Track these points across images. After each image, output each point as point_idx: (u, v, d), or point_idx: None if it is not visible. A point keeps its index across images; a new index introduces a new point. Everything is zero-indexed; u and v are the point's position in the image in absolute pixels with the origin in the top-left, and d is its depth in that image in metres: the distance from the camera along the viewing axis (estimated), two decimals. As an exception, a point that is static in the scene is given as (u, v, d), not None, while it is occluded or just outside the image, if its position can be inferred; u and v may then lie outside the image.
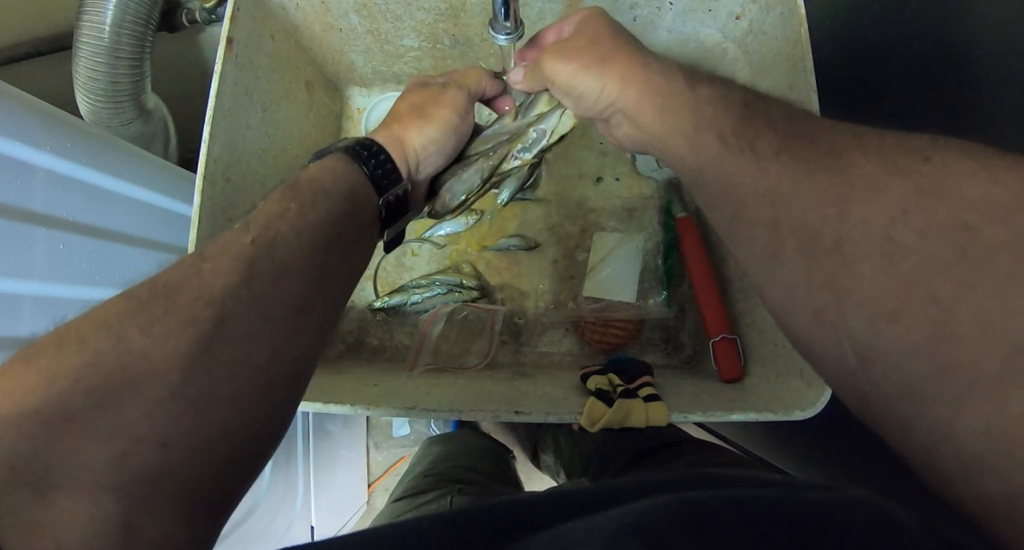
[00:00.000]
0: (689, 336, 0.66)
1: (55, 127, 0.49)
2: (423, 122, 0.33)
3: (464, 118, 0.35)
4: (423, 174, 0.35)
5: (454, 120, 0.34)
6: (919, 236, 0.16)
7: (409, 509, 0.50)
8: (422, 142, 0.33)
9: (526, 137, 0.37)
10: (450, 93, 0.35)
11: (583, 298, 0.65)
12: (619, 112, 0.29)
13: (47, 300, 0.47)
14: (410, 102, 0.35)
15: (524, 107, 0.38)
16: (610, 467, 0.59)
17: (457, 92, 0.35)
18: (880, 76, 0.56)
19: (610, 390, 0.47)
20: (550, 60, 0.30)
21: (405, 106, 0.35)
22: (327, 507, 0.96)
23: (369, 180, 0.30)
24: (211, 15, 0.73)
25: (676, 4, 0.55)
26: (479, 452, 0.73)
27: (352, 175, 0.30)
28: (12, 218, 0.44)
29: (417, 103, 0.34)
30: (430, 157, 0.34)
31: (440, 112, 0.34)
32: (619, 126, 0.30)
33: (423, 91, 0.35)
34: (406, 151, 0.33)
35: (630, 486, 0.23)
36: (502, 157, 0.37)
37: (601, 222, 0.68)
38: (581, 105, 0.30)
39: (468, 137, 0.37)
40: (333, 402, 0.46)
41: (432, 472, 0.59)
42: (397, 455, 1.26)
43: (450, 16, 0.59)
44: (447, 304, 0.65)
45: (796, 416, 0.43)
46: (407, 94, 0.36)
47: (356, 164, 0.30)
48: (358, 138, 0.33)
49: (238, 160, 0.52)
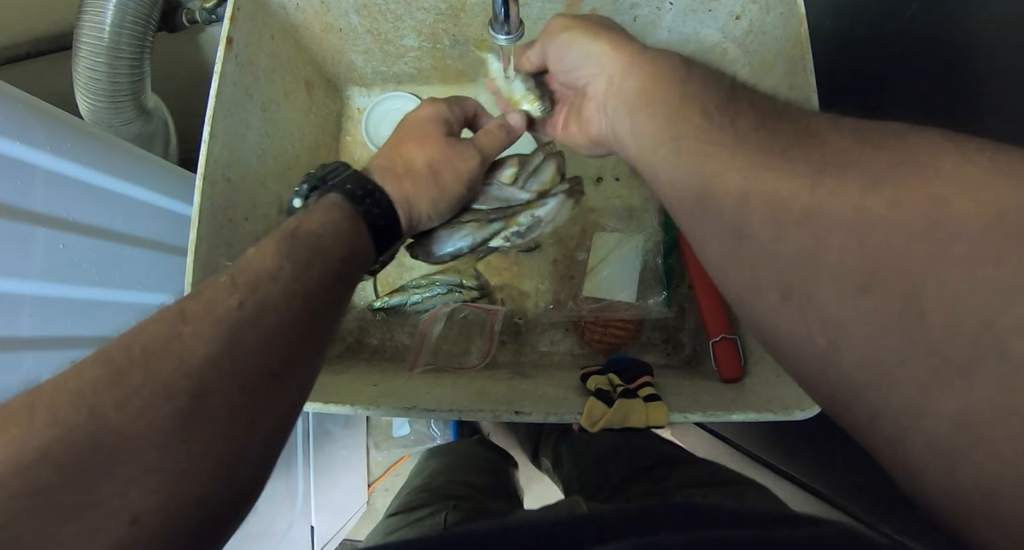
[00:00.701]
0: (689, 336, 0.66)
1: (55, 127, 0.49)
2: (437, 191, 0.33)
3: (472, 189, 0.35)
4: (416, 231, 0.35)
5: (464, 194, 0.34)
6: (891, 205, 0.15)
7: (403, 525, 0.50)
8: (428, 211, 0.33)
9: (522, 220, 0.37)
10: (471, 164, 0.34)
11: (583, 298, 0.65)
12: (604, 74, 0.28)
13: (47, 300, 0.47)
14: (430, 157, 0.33)
15: (527, 174, 0.37)
16: (607, 484, 0.59)
17: (477, 164, 0.34)
18: (880, 76, 0.56)
19: (610, 390, 0.47)
20: (558, 16, 0.31)
21: (423, 161, 0.33)
22: (327, 507, 0.96)
23: (373, 241, 0.30)
24: (211, 15, 0.73)
25: (676, 4, 0.56)
26: (477, 465, 0.72)
27: (355, 235, 0.29)
28: (12, 218, 0.44)
29: (436, 165, 0.33)
30: (430, 222, 0.34)
31: (456, 186, 0.34)
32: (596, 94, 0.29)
33: (446, 147, 0.34)
34: (411, 213, 0.32)
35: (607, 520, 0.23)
36: (494, 233, 0.37)
37: (601, 222, 0.68)
38: (566, 56, 0.30)
39: None
40: (333, 402, 0.46)
41: (428, 487, 0.59)
42: (397, 455, 1.26)
43: (450, 16, 0.59)
44: (447, 304, 0.65)
45: (796, 416, 0.43)
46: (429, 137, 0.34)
47: (361, 221, 0.29)
48: (364, 181, 0.31)
49: (238, 160, 0.52)
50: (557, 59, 0.32)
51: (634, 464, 0.58)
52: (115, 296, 0.54)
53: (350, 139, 0.75)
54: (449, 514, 0.49)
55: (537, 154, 0.38)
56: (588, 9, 0.57)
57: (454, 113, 0.36)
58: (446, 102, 0.36)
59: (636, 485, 0.55)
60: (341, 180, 0.31)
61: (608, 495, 0.57)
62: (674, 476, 0.53)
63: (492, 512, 0.54)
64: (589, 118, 0.31)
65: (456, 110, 0.36)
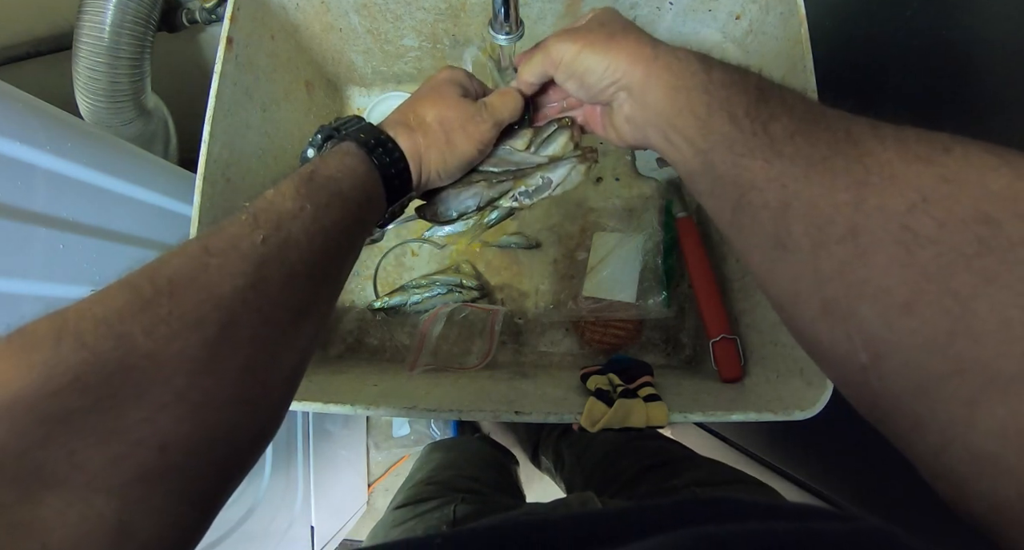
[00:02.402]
0: (689, 336, 0.66)
1: (55, 127, 0.49)
2: (447, 148, 0.33)
3: (483, 152, 0.35)
4: (425, 187, 0.35)
5: (475, 156, 0.34)
6: (939, 226, 0.15)
7: (411, 516, 0.50)
8: (438, 167, 0.33)
9: (532, 181, 0.37)
10: (482, 127, 0.34)
11: (583, 298, 0.65)
12: (624, 90, 0.28)
13: (47, 300, 0.47)
14: (442, 114, 0.33)
15: (540, 140, 0.37)
16: (613, 483, 0.59)
17: (489, 127, 0.34)
18: (880, 76, 0.56)
19: (610, 390, 0.47)
20: (557, 40, 0.30)
21: (435, 117, 0.33)
22: (327, 507, 0.96)
23: (385, 189, 0.30)
24: (211, 15, 0.73)
25: (676, 4, 0.56)
26: (482, 461, 0.72)
27: (370, 181, 0.29)
28: (12, 218, 0.44)
29: (448, 122, 0.33)
30: (439, 179, 0.34)
31: (466, 145, 0.34)
32: (621, 108, 0.29)
33: (459, 106, 0.34)
34: (421, 166, 0.33)
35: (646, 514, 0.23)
36: (503, 192, 0.37)
37: (601, 222, 0.68)
38: (585, 83, 0.29)
39: None
40: (333, 402, 0.46)
41: (434, 480, 0.59)
42: (397, 455, 1.26)
43: (450, 16, 0.59)
44: (447, 304, 0.65)
45: (796, 416, 0.43)
46: (443, 96, 0.34)
47: (375, 168, 0.30)
48: (377, 132, 0.31)
49: (238, 160, 0.52)
50: (577, 86, 0.30)
51: (640, 462, 0.57)
52: (115, 296, 0.54)
53: (350, 139, 0.75)
54: (458, 506, 0.48)
55: (552, 123, 0.38)
56: (588, 9, 0.57)
57: (471, 80, 0.36)
58: (464, 70, 0.37)
59: (644, 483, 0.54)
60: (355, 130, 0.32)
61: (615, 492, 0.57)
62: (681, 475, 0.53)
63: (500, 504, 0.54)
64: (621, 128, 0.30)
65: (475, 80, 0.37)
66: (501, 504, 0.55)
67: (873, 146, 0.18)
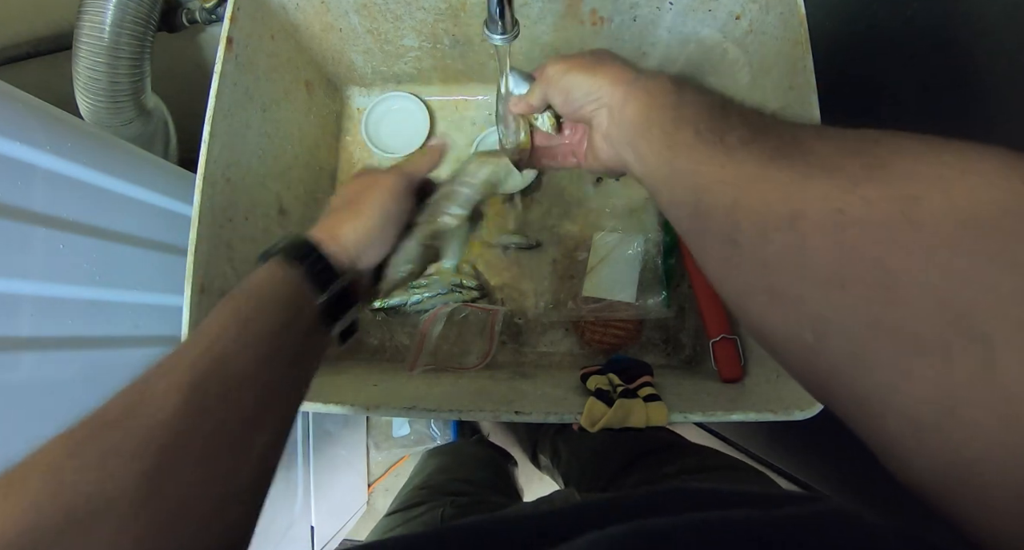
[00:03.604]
0: (689, 336, 0.66)
1: (55, 127, 0.49)
2: (355, 214, 0.34)
3: (400, 202, 0.35)
4: (365, 264, 0.35)
5: (388, 207, 0.34)
6: (866, 205, 0.16)
7: (401, 522, 0.50)
8: (355, 236, 0.33)
9: (454, 195, 0.37)
10: (385, 179, 0.35)
11: (583, 298, 0.65)
12: (605, 107, 0.30)
13: (47, 300, 0.47)
14: (344, 195, 0.36)
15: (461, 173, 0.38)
16: (605, 473, 0.59)
17: (393, 177, 0.35)
18: (880, 76, 0.56)
19: (610, 390, 0.47)
20: (551, 62, 0.33)
21: (340, 200, 0.36)
22: (327, 507, 0.96)
23: (308, 281, 0.31)
24: (211, 15, 0.73)
25: (676, 4, 0.56)
26: (476, 463, 0.72)
27: (290, 280, 0.30)
28: (12, 218, 0.44)
29: (350, 195, 0.35)
30: (368, 248, 0.34)
31: (373, 200, 0.34)
32: (600, 126, 0.31)
33: (359, 180, 0.36)
34: (341, 245, 0.33)
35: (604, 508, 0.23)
36: (436, 218, 0.37)
37: (601, 222, 0.68)
38: (570, 97, 0.32)
39: (407, 222, 0.36)
40: (333, 402, 0.46)
41: (426, 485, 0.59)
42: (397, 455, 1.25)
43: (450, 16, 0.59)
44: (447, 304, 0.65)
45: (796, 416, 0.43)
46: (345, 186, 0.37)
47: (293, 267, 0.31)
48: (294, 238, 0.33)
49: (238, 160, 0.52)
50: (563, 102, 0.33)
51: (632, 451, 0.58)
52: (115, 296, 0.54)
53: (350, 139, 0.75)
54: (446, 509, 0.49)
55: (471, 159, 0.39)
56: (588, 9, 0.57)
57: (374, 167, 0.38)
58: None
59: (635, 472, 0.55)
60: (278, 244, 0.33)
61: (605, 484, 0.57)
62: (672, 463, 0.53)
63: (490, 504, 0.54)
64: (599, 147, 0.33)
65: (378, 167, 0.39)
66: (491, 504, 0.55)
67: (815, 145, 0.20)
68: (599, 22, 0.58)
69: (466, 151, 0.71)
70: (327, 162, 0.72)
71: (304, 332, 0.30)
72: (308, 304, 0.30)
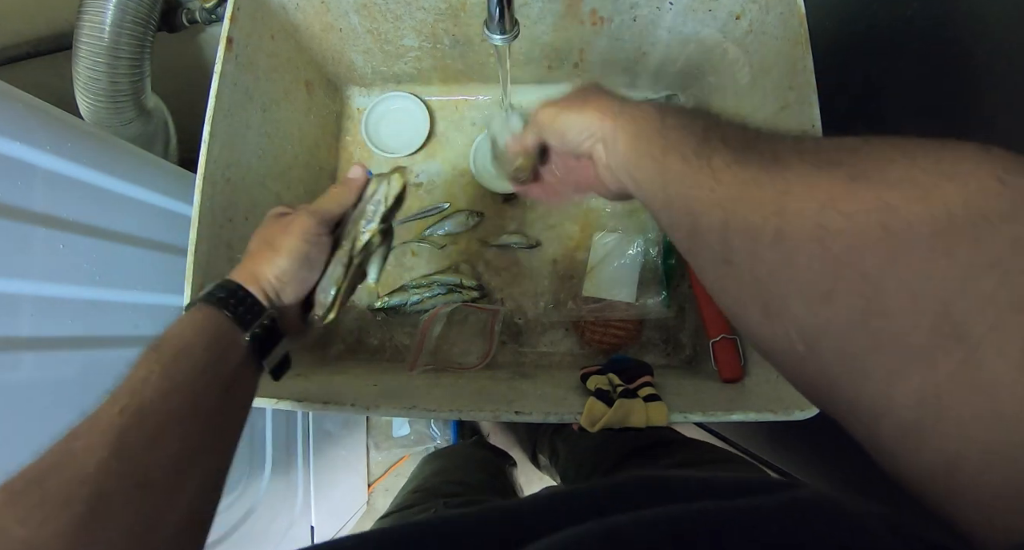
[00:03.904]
0: (689, 336, 0.66)
1: (55, 127, 0.49)
2: (272, 254, 0.35)
3: (315, 243, 0.37)
4: (286, 301, 0.36)
5: (302, 248, 0.36)
6: (846, 218, 0.17)
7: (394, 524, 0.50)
8: (274, 273, 0.35)
9: (366, 213, 0.39)
10: (298, 221, 0.36)
11: (583, 298, 0.65)
12: (600, 141, 0.31)
13: (47, 300, 0.47)
14: (262, 236, 0.37)
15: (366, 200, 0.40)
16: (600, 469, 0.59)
17: (306, 219, 0.37)
18: (880, 76, 0.56)
19: (610, 390, 0.47)
20: (542, 107, 0.34)
21: (257, 241, 0.37)
22: (327, 507, 0.96)
23: (232, 320, 0.32)
24: (211, 15, 0.73)
25: (676, 4, 0.56)
26: (473, 465, 0.72)
27: (212, 321, 0.31)
28: (12, 218, 0.44)
29: (267, 237, 0.37)
30: (286, 286, 0.35)
31: (287, 242, 0.36)
32: (600, 159, 0.32)
33: (275, 222, 0.37)
34: (261, 284, 0.34)
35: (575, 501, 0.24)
36: (352, 238, 0.39)
37: (601, 222, 0.68)
38: (567, 139, 0.33)
39: (324, 259, 0.38)
40: (333, 402, 0.46)
41: (421, 488, 0.60)
42: (397, 455, 1.26)
43: (450, 16, 0.59)
44: (447, 304, 0.65)
45: (796, 416, 0.43)
46: (262, 228, 0.38)
47: (215, 308, 0.32)
48: (217, 283, 0.34)
49: (238, 160, 0.52)
50: (559, 142, 0.34)
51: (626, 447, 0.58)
52: (115, 296, 0.54)
53: (350, 139, 0.75)
54: (439, 510, 0.49)
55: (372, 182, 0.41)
56: (588, 9, 0.57)
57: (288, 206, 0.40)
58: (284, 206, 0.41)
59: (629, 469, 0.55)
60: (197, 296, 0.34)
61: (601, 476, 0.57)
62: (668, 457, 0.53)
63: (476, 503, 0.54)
64: (604, 177, 0.34)
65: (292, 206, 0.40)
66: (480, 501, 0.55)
67: (792, 161, 0.20)
68: (599, 22, 0.58)
69: (465, 151, 0.71)
70: (327, 162, 0.72)
71: (232, 371, 0.31)
72: (234, 343, 0.32)
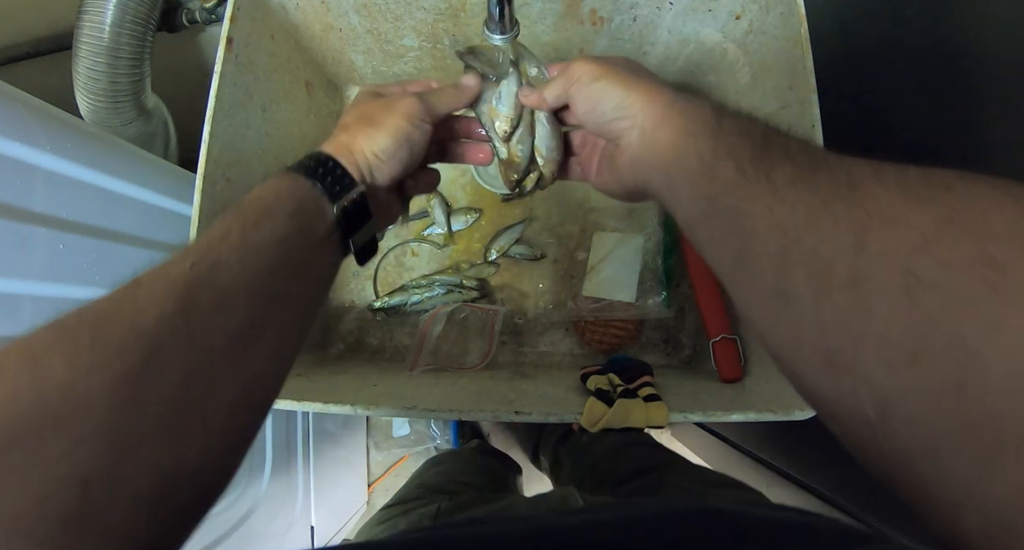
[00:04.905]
0: (689, 336, 0.66)
1: (55, 127, 0.49)
2: (372, 129, 0.32)
3: (419, 127, 0.33)
4: (381, 180, 0.33)
5: (407, 128, 0.32)
6: (942, 269, 0.14)
7: (396, 514, 0.50)
8: (372, 150, 0.32)
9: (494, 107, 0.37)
10: (406, 102, 0.33)
11: (583, 298, 0.65)
12: (636, 127, 0.28)
13: (47, 300, 0.47)
14: (359, 111, 0.34)
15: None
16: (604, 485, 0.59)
17: (414, 102, 0.33)
18: (880, 76, 0.56)
19: (610, 390, 0.47)
20: (583, 60, 0.30)
21: (353, 116, 0.33)
22: (327, 507, 0.96)
23: (320, 191, 0.29)
24: (211, 15, 0.73)
25: (676, 4, 0.55)
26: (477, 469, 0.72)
27: (299, 190, 0.29)
28: (12, 218, 0.44)
29: (367, 112, 0.33)
30: (383, 164, 0.32)
31: (391, 120, 0.32)
32: (629, 147, 0.29)
33: (374, 100, 0.34)
34: (356, 158, 0.31)
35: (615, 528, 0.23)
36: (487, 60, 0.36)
37: (601, 222, 0.68)
38: (597, 109, 0.30)
39: (424, 148, 0.34)
40: (333, 402, 0.46)
41: (424, 484, 0.59)
42: (397, 455, 1.26)
43: (450, 16, 0.59)
44: (447, 304, 0.65)
45: (796, 416, 0.43)
46: (356, 104, 0.35)
47: (303, 177, 0.29)
48: (308, 153, 0.31)
49: (238, 160, 0.52)
50: (588, 110, 0.30)
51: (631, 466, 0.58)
52: (115, 296, 0.54)
53: (350, 139, 0.75)
54: (443, 504, 0.49)
55: None
56: (588, 9, 0.57)
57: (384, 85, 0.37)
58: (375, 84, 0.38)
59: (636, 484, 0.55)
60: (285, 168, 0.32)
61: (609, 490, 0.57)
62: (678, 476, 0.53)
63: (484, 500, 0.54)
64: (622, 169, 0.30)
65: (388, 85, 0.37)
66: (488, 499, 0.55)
67: (874, 188, 0.17)
68: (599, 22, 0.58)
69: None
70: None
71: (315, 243, 0.28)
72: (319, 216, 0.29)
